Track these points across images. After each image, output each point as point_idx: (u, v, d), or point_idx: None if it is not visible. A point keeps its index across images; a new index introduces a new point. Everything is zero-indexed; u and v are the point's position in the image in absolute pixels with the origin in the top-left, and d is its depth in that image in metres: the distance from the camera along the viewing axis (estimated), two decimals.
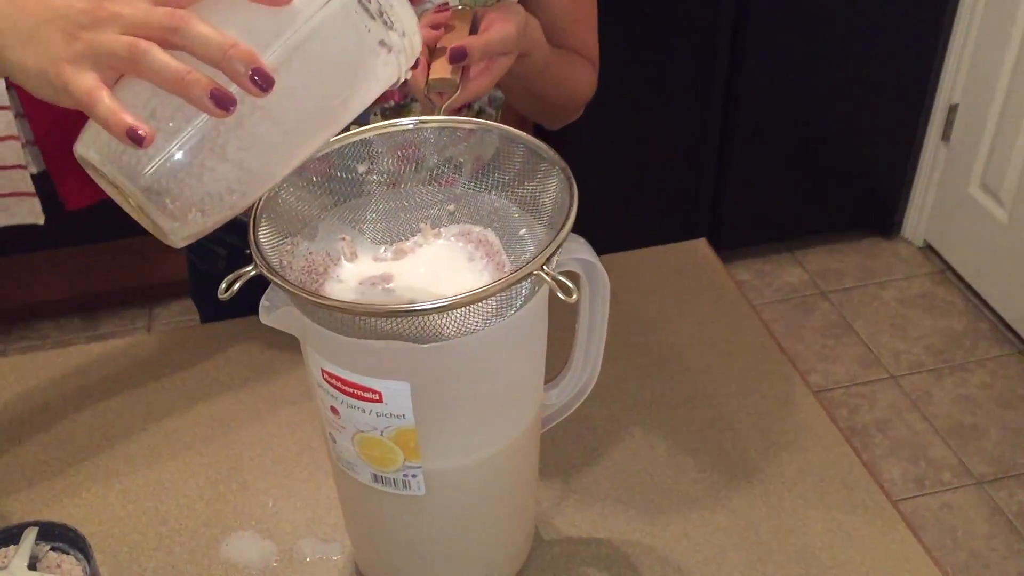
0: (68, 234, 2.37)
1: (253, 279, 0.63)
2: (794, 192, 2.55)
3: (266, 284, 0.64)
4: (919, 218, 2.63)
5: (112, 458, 0.93)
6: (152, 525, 0.87)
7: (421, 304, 0.58)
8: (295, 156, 0.59)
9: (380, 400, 0.64)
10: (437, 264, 0.70)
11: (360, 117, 0.99)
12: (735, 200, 2.50)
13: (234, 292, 0.63)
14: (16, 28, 0.57)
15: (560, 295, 0.60)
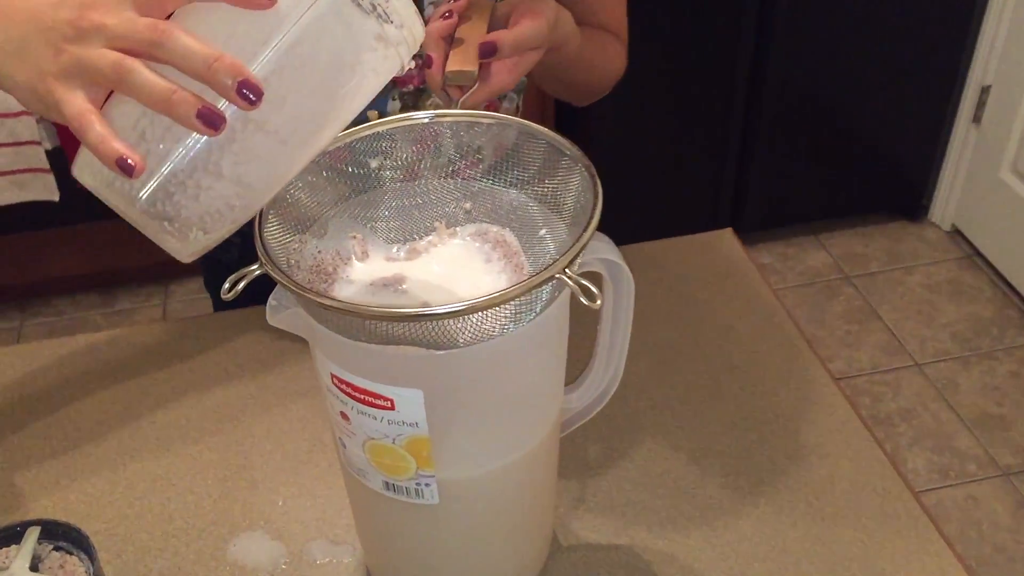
0: (83, 210, 2.33)
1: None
2: (819, 174, 2.50)
3: None
4: (947, 202, 2.57)
5: (118, 452, 0.91)
6: (159, 523, 0.84)
7: (435, 308, 0.55)
8: (295, 163, 0.56)
9: (392, 408, 0.61)
10: (452, 265, 0.67)
11: (378, 103, 0.96)
12: (759, 182, 2.45)
13: (238, 292, 0.60)
14: (7, 39, 0.55)
15: (583, 300, 0.57)
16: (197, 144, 0.52)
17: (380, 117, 0.94)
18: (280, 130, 0.53)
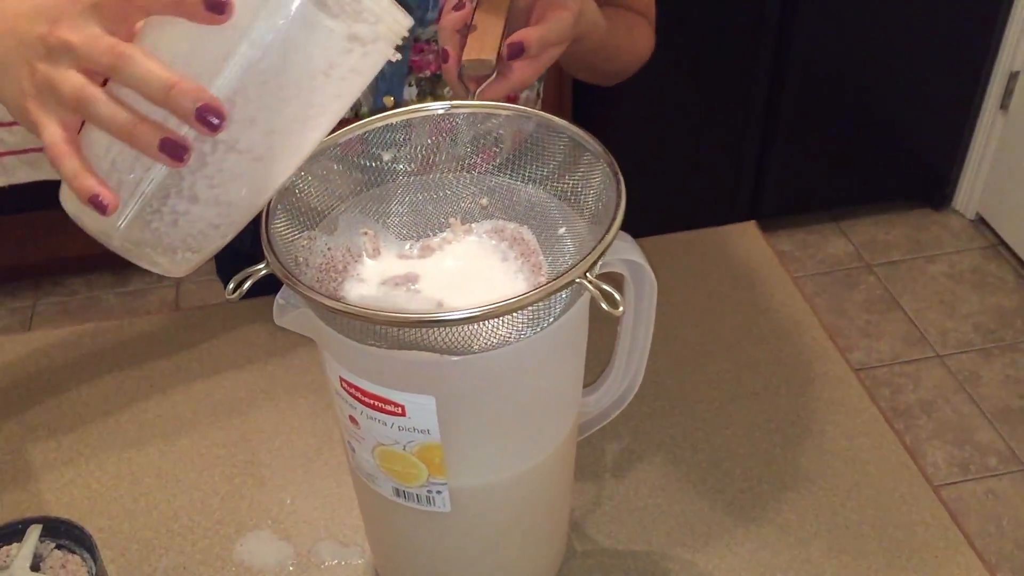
0: None
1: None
2: (841, 159, 2.45)
3: None
4: (972, 190, 2.52)
5: (123, 446, 0.89)
6: (164, 521, 0.82)
7: (449, 314, 0.52)
8: (277, 176, 0.53)
9: (403, 414, 0.59)
10: (467, 264, 0.64)
11: (395, 89, 0.93)
12: (779, 166, 2.41)
13: (243, 292, 0.58)
14: None
15: (604, 306, 0.54)
16: (166, 171, 0.50)
17: (396, 103, 0.92)
18: (254, 148, 0.50)
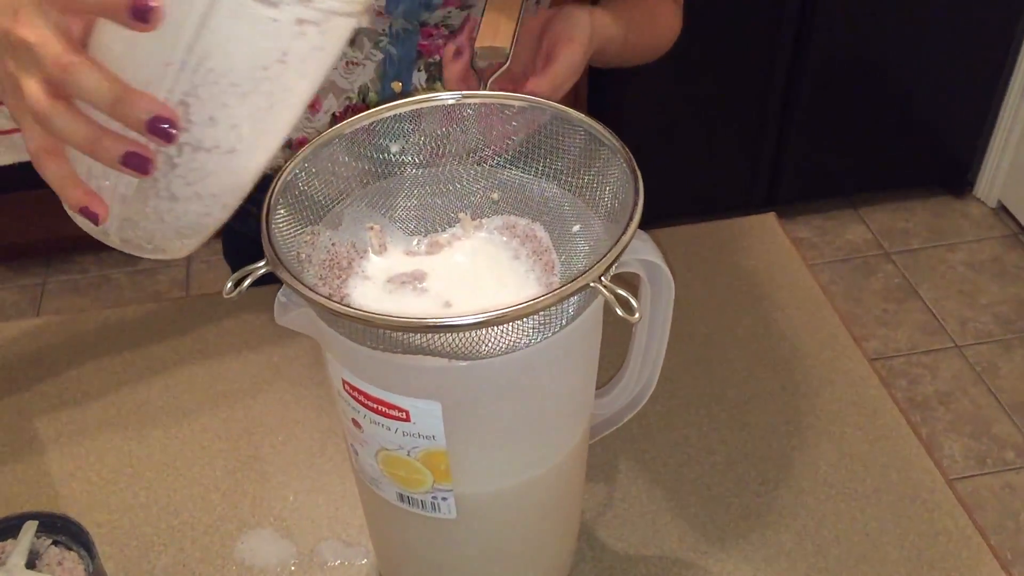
0: None
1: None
2: (860, 145, 2.41)
3: None
4: (994, 178, 2.48)
5: (123, 438, 0.86)
6: (163, 517, 0.80)
7: (457, 319, 0.50)
8: (257, 160, 0.51)
9: (407, 419, 0.56)
10: (477, 261, 0.62)
11: (403, 74, 0.90)
12: (798, 151, 2.37)
13: (242, 291, 0.55)
14: None
15: (620, 312, 0.51)
16: (138, 179, 0.49)
17: (404, 89, 0.89)
18: (221, 143, 0.48)
